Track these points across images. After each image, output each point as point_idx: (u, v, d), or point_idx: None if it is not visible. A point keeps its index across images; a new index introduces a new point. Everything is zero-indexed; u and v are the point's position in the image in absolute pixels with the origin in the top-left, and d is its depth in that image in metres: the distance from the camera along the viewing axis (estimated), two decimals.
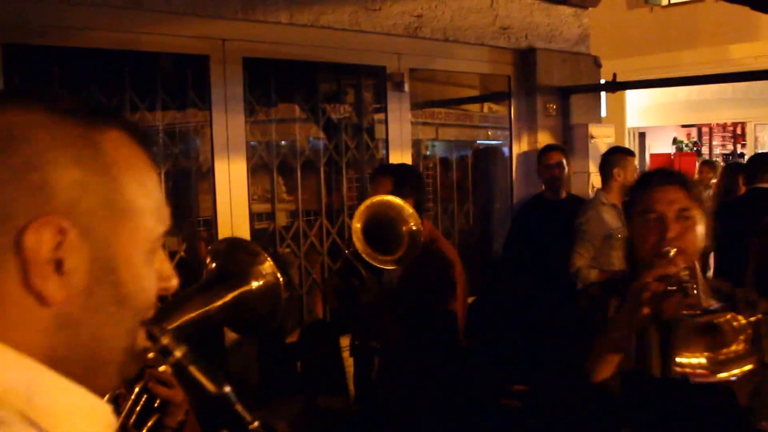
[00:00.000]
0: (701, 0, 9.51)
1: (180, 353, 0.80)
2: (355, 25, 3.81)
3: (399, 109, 4.12)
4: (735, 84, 10.16)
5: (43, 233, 0.56)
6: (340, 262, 2.73)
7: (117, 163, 0.61)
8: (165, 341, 0.79)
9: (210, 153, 3.40)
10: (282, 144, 3.85)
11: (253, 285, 1.27)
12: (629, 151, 4.18)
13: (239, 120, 3.44)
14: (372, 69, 4.12)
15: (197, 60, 3.35)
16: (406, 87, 4.08)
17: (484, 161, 5.08)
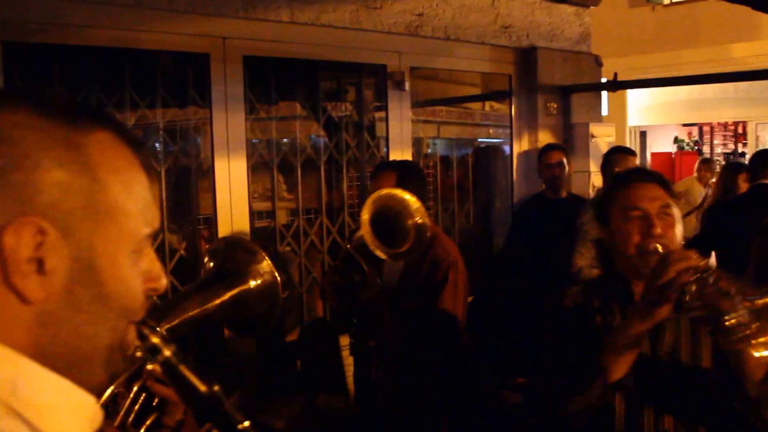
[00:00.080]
0: None
1: (169, 352, 0.80)
2: (356, 24, 3.80)
3: (399, 108, 4.12)
4: (736, 83, 10.14)
5: (23, 233, 0.57)
6: (339, 257, 2.72)
7: (100, 166, 0.62)
8: (154, 340, 0.79)
9: (210, 151, 3.40)
10: (282, 142, 3.85)
11: (251, 284, 1.27)
12: (630, 151, 4.18)
13: (239, 118, 3.44)
14: (373, 67, 4.12)
15: (198, 58, 3.34)
16: (406, 86, 4.08)
17: (484, 160, 5.07)
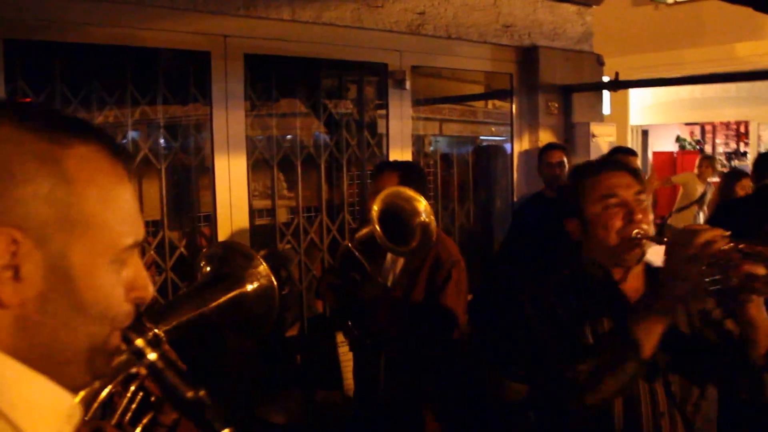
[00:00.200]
0: None
1: (155, 356, 0.82)
2: (357, 22, 3.80)
3: (400, 107, 4.12)
4: (739, 83, 10.12)
5: None
6: (337, 256, 2.73)
7: (77, 179, 0.65)
8: (139, 344, 0.81)
9: (210, 149, 3.41)
10: (283, 140, 3.85)
11: (248, 287, 1.28)
12: (632, 151, 4.19)
13: (240, 116, 3.45)
14: (374, 66, 4.12)
15: (199, 56, 3.35)
16: (407, 84, 4.08)
17: (485, 159, 5.07)
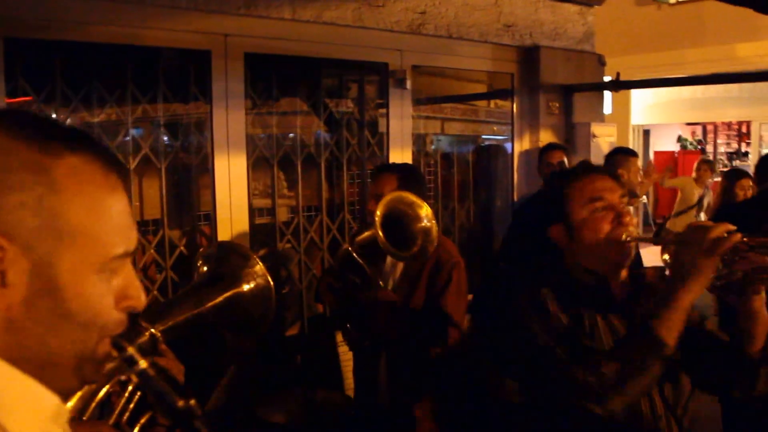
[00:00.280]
0: None
1: (145, 364, 0.83)
2: (358, 22, 3.80)
3: (400, 106, 4.12)
4: (741, 83, 10.12)
5: None
6: (336, 258, 2.73)
7: (66, 189, 0.66)
8: (130, 352, 0.82)
9: (210, 148, 3.41)
10: (283, 139, 3.85)
11: (245, 287, 1.28)
12: (632, 152, 4.17)
13: (240, 115, 3.45)
14: (374, 65, 4.12)
15: (199, 55, 3.34)
16: (408, 84, 4.07)
17: (485, 158, 5.07)
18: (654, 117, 13.04)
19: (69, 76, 3.05)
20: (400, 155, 4.01)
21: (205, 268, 1.34)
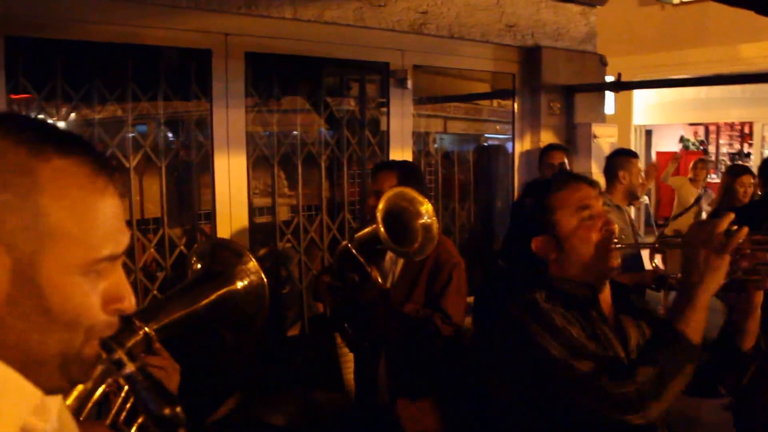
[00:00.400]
0: None
1: (132, 368, 0.83)
2: (360, 21, 3.79)
3: (401, 106, 4.11)
4: (744, 84, 10.10)
5: None
6: (335, 257, 2.72)
7: (48, 191, 0.67)
8: (118, 355, 0.82)
9: (211, 147, 3.41)
10: (283, 138, 3.85)
11: (238, 285, 1.28)
12: (633, 153, 4.16)
13: (240, 114, 3.45)
14: (375, 65, 4.11)
15: (200, 54, 3.34)
16: (409, 84, 4.07)
17: (486, 158, 5.07)
18: (656, 117, 13.01)
19: (70, 74, 3.05)
20: (400, 155, 4.01)
21: (199, 265, 1.34)
